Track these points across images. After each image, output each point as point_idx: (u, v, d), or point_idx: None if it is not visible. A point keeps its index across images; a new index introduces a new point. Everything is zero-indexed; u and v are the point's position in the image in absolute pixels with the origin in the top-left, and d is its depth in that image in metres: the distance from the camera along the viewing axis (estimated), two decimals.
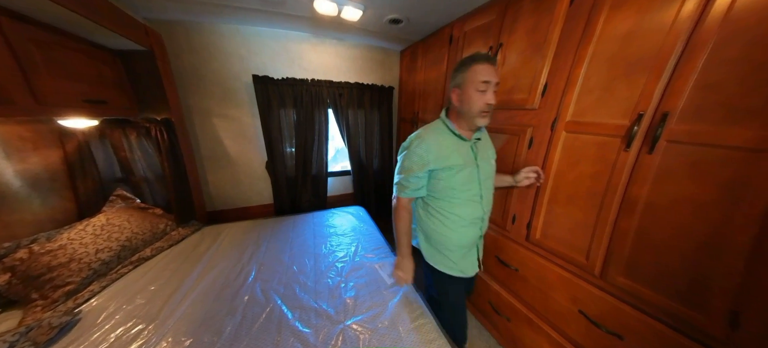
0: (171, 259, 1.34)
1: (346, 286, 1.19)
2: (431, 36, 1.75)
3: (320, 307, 1.07)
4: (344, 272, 1.29)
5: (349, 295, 1.13)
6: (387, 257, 1.41)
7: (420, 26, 1.67)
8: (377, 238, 1.61)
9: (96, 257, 1.15)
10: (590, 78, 0.86)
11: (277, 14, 1.55)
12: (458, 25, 1.45)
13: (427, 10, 1.44)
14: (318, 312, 1.05)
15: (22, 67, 0.90)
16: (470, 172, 0.90)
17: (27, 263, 1.01)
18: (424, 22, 1.59)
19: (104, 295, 1.07)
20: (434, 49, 1.71)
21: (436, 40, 1.68)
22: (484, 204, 0.94)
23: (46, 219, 1.24)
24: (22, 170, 1.14)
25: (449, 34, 1.52)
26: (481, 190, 0.92)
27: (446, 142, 0.90)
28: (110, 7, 1.13)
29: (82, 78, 1.13)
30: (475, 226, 0.95)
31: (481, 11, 1.29)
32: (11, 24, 0.87)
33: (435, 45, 1.70)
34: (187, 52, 1.67)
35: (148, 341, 0.89)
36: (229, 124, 1.92)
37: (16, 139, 1.13)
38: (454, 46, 1.50)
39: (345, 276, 1.26)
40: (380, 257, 1.41)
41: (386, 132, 2.36)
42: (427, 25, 1.65)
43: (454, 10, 1.41)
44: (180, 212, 1.69)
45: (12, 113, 0.90)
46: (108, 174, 1.56)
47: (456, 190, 0.90)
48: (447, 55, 1.56)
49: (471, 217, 0.93)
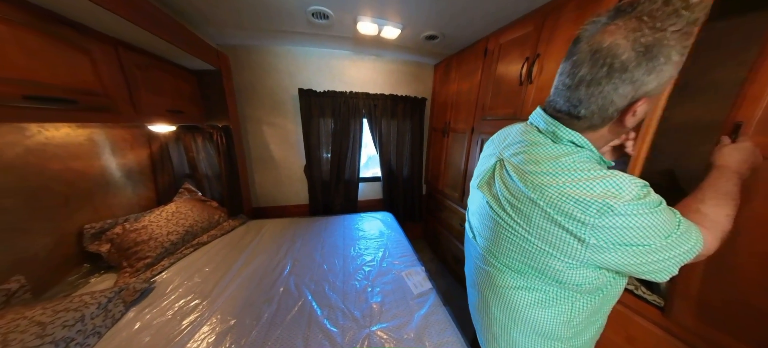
0: (222, 246, 1.56)
1: (373, 291, 1.22)
2: (466, 49, 1.81)
3: (347, 309, 1.11)
4: (371, 276, 1.33)
5: (375, 301, 1.15)
6: (413, 265, 1.43)
7: (455, 41, 1.74)
8: (404, 245, 1.63)
9: (167, 238, 1.40)
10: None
11: (324, 36, 1.74)
12: (494, 39, 1.49)
13: (463, 25, 1.49)
14: (345, 313, 1.09)
15: (129, 85, 1.17)
16: None
17: (121, 237, 1.29)
18: (460, 36, 1.65)
19: (171, 270, 1.30)
20: (468, 61, 1.76)
21: (471, 54, 1.73)
22: None
23: (135, 204, 1.55)
24: (121, 164, 1.46)
25: (484, 47, 1.56)
26: None
27: None
28: (194, 37, 1.41)
29: (167, 93, 1.41)
30: None
31: (517, 24, 1.31)
32: (125, 52, 1.13)
33: (469, 58, 1.75)
34: (247, 70, 1.95)
35: (202, 315, 1.05)
36: (276, 131, 2.17)
37: (119, 140, 1.45)
38: (488, 59, 1.53)
39: (372, 280, 1.30)
40: (406, 265, 1.43)
41: (417, 141, 2.44)
42: (462, 40, 1.71)
43: (490, 24, 1.44)
44: (231, 206, 1.95)
45: (119, 121, 1.16)
46: (179, 170, 1.88)
47: None
48: (481, 67, 1.60)
49: None
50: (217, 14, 1.42)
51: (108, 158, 1.40)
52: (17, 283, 0.95)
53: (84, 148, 1.28)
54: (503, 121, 1.39)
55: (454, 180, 2.00)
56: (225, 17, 1.46)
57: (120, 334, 0.93)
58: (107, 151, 1.40)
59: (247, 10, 1.38)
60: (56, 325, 0.80)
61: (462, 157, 1.85)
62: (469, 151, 1.78)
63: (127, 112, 1.16)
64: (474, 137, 1.71)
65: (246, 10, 1.39)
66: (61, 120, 1.03)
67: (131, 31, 1.06)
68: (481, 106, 1.62)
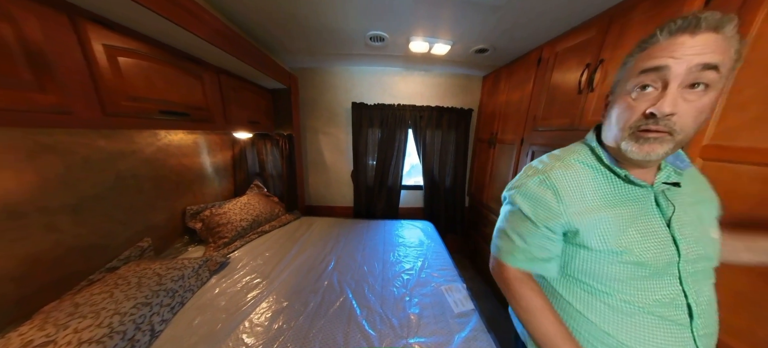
0: (279, 236, 1.84)
1: (411, 301, 1.21)
2: (517, 60, 1.78)
3: (385, 314, 1.12)
4: (409, 285, 1.32)
5: (413, 311, 1.14)
6: (454, 281, 1.37)
7: (506, 52, 1.74)
8: (444, 258, 1.60)
9: (240, 223, 1.72)
10: (743, 90, 0.68)
11: (378, 56, 1.94)
12: (549, 47, 1.45)
13: (515, 37, 1.50)
14: (383, 318, 1.10)
15: (223, 102, 1.51)
16: (666, 259, 0.47)
17: (209, 219, 1.64)
18: (512, 47, 1.65)
19: (241, 250, 1.60)
20: (520, 71, 1.73)
21: (522, 64, 1.70)
22: (696, 321, 0.47)
23: (219, 193, 1.94)
24: (213, 162, 1.85)
25: (538, 56, 1.53)
26: (685, 287, 0.47)
27: (589, 181, 0.52)
28: (273, 63, 1.73)
29: (249, 107, 1.75)
30: None
31: (577, 30, 1.27)
32: (224, 78, 1.47)
33: (521, 68, 1.72)
34: (310, 87, 2.26)
35: (262, 292, 1.23)
36: (329, 139, 2.44)
37: (213, 143, 1.85)
38: (542, 68, 1.50)
39: (410, 289, 1.29)
40: (446, 279, 1.38)
41: (461, 152, 2.43)
42: (513, 51, 1.70)
43: (545, 34, 1.42)
44: (288, 202, 2.27)
45: (214, 129, 1.51)
46: (252, 169, 2.26)
47: (617, 283, 0.49)
48: (534, 76, 1.57)
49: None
50: (293, 43, 1.73)
51: (205, 157, 1.81)
52: (147, 243, 1.33)
53: (190, 148, 1.69)
54: (558, 133, 1.35)
55: (501, 193, 1.92)
56: (299, 45, 1.76)
57: (205, 295, 1.19)
58: (205, 152, 1.80)
59: (316, 38, 1.65)
60: (168, 278, 1.11)
61: (510, 169, 1.79)
62: (517, 163, 1.70)
63: (220, 122, 1.49)
64: (523, 148, 1.64)
65: (315, 39, 1.65)
66: (179, 128, 1.41)
67: (231, 62, 1.38)
68: (532, 117, 1.56)
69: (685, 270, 0.48)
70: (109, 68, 0.87)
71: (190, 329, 0.99)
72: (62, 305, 0.86)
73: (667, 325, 0.47)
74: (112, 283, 0.99)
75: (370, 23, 1.44)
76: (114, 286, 0.98)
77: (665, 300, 0.47)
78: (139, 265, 1.13)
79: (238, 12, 1.30)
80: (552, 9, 1.18)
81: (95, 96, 0.84)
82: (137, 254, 1.28)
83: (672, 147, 0.43)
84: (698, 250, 0.48)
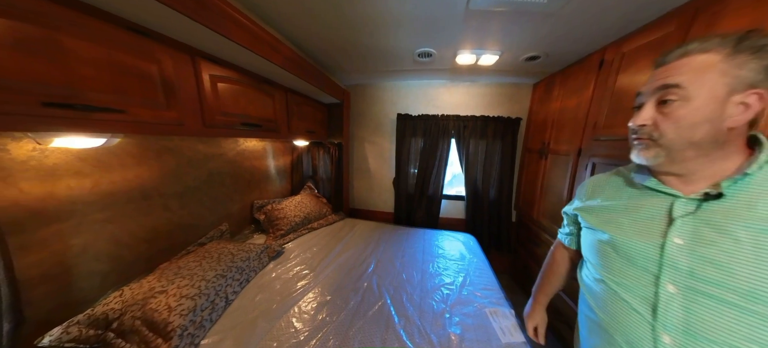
0: (325, 234, 2.04)
1: (451, 319, 1.15)
2: (573, 65, 1.68)
3: (423, 328, 1.08)
4: (449, 301, 1.27)
5: (453, 331, 1.08)
6: (500, 304, 1.24)
7: (560, 57, 1.65)
8: (488, 277, 1.49)
9: (293, 219, 1.98)
10: None
11: (425, 70, 2.03)
12: (613, 49, 1.35)
13: (572, 41, 1.42)
14: (421, 331, 1.07)
15: (288, 115, 1.78)
16: (640, 251, 0.52)
17: (270, 212, 1.93)
18: (566, 52, 1.56)
19: (294, 243, 1.84)
20: (577, 77, 1.63)
21: (580, 68, 1.60)
22: (659, 322, 0.49)
23: (279, 192, 2.26)
24: (276, 165, 2.18)
25: (600, 59, 1.42)
26: (660, 288, 0.49)
27: (615, 184, 0.64)
28: (331, 81, 1.98)
29: (308, 119, 2.02)
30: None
31: (651, 26, 1.15)
32: (290, 95, 1.75)
33: (578, 73, 1.62)
34: (360, 101, 2.50)
35: (309, 283, 1.36)
36: (374, 147, 2.62)
37: (277, 149, 2.18)
38: (604, 71, 1.39)
39: (450, 306, 1.23)
40: (491, 301, 1.27)
41: (507, 162, 2.31)
42: (568, 55, 1.61)
43: (608, 34, 1.31)
44: (335, 204, 2.50)
45: (279, 137, 1.79)
46: (306, 172, 2.57)
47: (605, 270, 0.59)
48: (594, 80, 1.45)
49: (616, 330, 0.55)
50: (348, 64, 1.95)
51: (270, 160, 2.14)
52: (225, 227, 1.65)
53: (260, 153, 2.02)
54: (623, 142, 1.20)
55: (554, 210, 1.74)
56: (353, 66, 1.99)
57: (264, 278, 1.38)
58: (270, 156, 2.14)
59: (369, 59, 1.84)
60: (238, 258, 1.37)
61: (565, 183, 1.63)
62: (574, 177, 1.55)
63: (284, 132, 1.76)
64: (582, 160, 1.49)
65: (368, 59, 1.84)
66: (253, 136, 1.71)
67: (297, 82, 1.64)
68: (591, 125, 1.43)
69: (671, 275, 0.49)
70: (211, 92, 1.15)
71: (252, 304, 1.18)
72: (170, 266, 1.16)
73: (626, 308, 0.54)
74: (201, 255, 1.28)
75: (419, 41, 1.52)
76: (202, 257, 1.27)
77: (633, 287, 0.54)
78: (219, 244, 1.42)
79: (305, 41, 1.55)
80: (617, 5, 1.07)
81: (200, 112, 1.12)
82: (218, 235, 1.60)
83: (661, 150, 0.50)
84: (711, 273, 0.45)
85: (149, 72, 0.90)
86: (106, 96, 0.78)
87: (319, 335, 1.02)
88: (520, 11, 1.15)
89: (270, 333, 1.02)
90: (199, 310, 1.01)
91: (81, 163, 0.99)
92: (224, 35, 0.96)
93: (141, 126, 0.91)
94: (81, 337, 0.86)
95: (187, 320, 0.94)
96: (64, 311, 0.93)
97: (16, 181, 0.83)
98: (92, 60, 0.74)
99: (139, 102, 0.88)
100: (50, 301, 0.92)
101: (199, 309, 1.01)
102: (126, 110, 0.84)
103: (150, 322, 0.90)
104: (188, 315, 0.95)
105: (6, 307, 0.62)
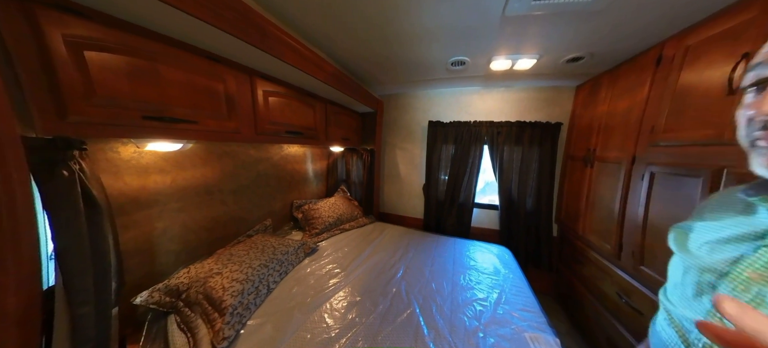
0: (356, 236, 2.15)
1: (485, 340, 1.06)
2: (624, 63, 1.55)
3: (455, 345, 1.03)
4: (483, 319, 1.18)
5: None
6: (541, 329, 1.12)
7: (608, 56, 1.53)
8: (527, 296, 1.37)
9: (327, 219, 2.13)
10: None
11: (457, 78, 2.06)
12: (673, 42, 1.21)
13: (621, 38, 1.30)
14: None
15: (326, 124, 1.95)
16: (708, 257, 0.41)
17: (306, 211, 2.11)
18: (615, 50, 1.44)
19: (327, 242, 1.98)
20: (629, 75, 1.49)
21: (633, 66, 1.47)
22: None
23: (315, 193, 2.45)
24: (314, 169, 2.37)
25: (657, 54, 1.28)
26: None
27: (723, 202, 0.46)
28: (367, 92, 2.12)
29: (343, 127, 2.18)
30: None
31: (724, 13, 1.02)
32: (329, 106, 1.91)
33: (630, 71, 1.48)
34: (393, 110, 2.61)
35: (340, 281, 1.41)
36: (404, 154, 2.70)
37: (315, 155, 2.38)
38: (663, 68, 1.25)
39: (484, 324, 1.15)
40: (531, 325, 1.15)
41: (546, 170, 2.15)
42: (617, 54, 1.48)
43: (667, 27, 1.17)
44: (365, 207, 2.62)
45: (317, 144, 1.96)
46: (340, 176, 2.73)
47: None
48: (650, 79, 1.30)
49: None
50: (383, 76, 2.08)
51: (309, 164, 2.34)
52: (269, 223, 1.86)
53: (300, 157, 2.23)
54: (692, 148, 1.07)
55: (604, 225, 1.56)
56: (388, 77, 2.11)
57: (300, 272, 1.49)
58: (309, 160, 2.34)
59: (403, 70, 1.94)
60: (279, 251, 1.53)
61: (615, 195, 1.46)
62: (627, 187, 1.38)
63: (322, 139, 1.93)
64: (637, 169, 1.34)
65: (402, 70, 1.95)
66: (295, 143, 1.90)
67: (336, 94, 1.80)
68: (648, 129, 1.28)
69: None
70: (263, 105, 1.34)
71: (289, 295, 1.28)
72: (225, 252, 1.36)
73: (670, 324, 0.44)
74: (248, 246, 1.47)
75: (453, 51, 1.55)
76: (250, 247, 1.45)
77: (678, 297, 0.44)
78: (263, 237, 1.61)
79: (345, 57, 1.70)
80: None
81: (253, 122, 1.30)
82: (263, 229, 1.80)
83: None
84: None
85: (217, 90, 1.10)
86: (185, 110, 0.98)
87: (349, 334, 1.04)
88: (561, 13, 1.10)
89: (304, 325, 1.08)
90: (246, 294, 1.17)
91: (164, 163, 1.23)
92: (279, 58, 1.13)
93: (208, 134, 1.11)
94: (160, 301, 1.07)
95: (236, 301, 1.10)
96: (149, 279, 1.16)
97: (123, 176, 1.07)
98: (177, 82, 0.94)
99: (208, 114, 1.07)
100: (140, 270, 1.16)
101: (247, 293, 1.17)
102: (198, 121, 1.03)
103: (209, 298, 1.07)
104: (237, 296, 1.11)
105: (114, 270, 0.82)
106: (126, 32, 0.79)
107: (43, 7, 0.64)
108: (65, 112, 0.69)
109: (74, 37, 0.69)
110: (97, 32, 0.73)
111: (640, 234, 1.28)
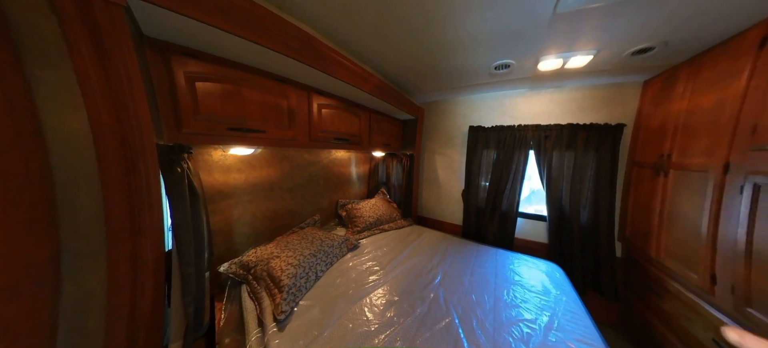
0: (394, 237, 2.25)
1: None
2: (709, 50, 1.31)
3: None
4: (532, 343, 1.08)
5: None
6: None
7: (688, 43, 1.31)
8: (586, 326, 1.19)
9: (368, 218, 2.29)
10: None
11: (501, 82, 2.02)
12: None
13: (707, 20, 1.10)
14: None
15: (370, 131, 2.12)
16: None
17: (349, 210, 2.30)
18: (697, 36, 1.23)
19: (367, 240, 2.12)
20: (717, 64, 1.25)
21: (722, 54, 1.22)
22: None
23: (358, 194, 2.65)
24: (357, 171, 2.58)
25: (761, 36, 1.04)
26: None
27: None
28: (408, 101, 2.25)
29: (385, 133, 2.33)
30: None
31: None
32: (373, 115, 2.09)
33: (718, 60, 1.25)
34: (433, 116, 2.68)
35: (379, 279, 1.46)
36: (444, 159, 2.73)
37: (359, 159, 2.58)
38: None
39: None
40: None
41: (605, 178, 1.89)
42: (701, 39, 1.26)
43: None
44: (404, 210, 2.73)
45: (361, 149, 2.14)
46: (380, 179, 2.90)
47: None
48: (750, 68, 1.07)
49: None
50: (425, 84, 2.18)
51: (353, 168, 2.55)
52: (317, 217, 2.10)
53: (346, 161, 2.45)
54: None
55: (687, 249, 1.30)
56: (429, 85, 2.20)
57: (342, 265, 1.59)
58: (353, 164, 2.55)
59: (445, 78, 2.01)
60: (325, 244, 1.72)
61: (702, 210, 1.20)
62: (719, 202, 1.13)
63: (365, 144, 2.10)
64: (731, 179, 1.09)
65: (444, 78, 2.01)
66: (342, 148, 2.12)
67: (379, 104, 1.96)
68: (747, 129, 1.05)
69: None
70: (317, 115, 1.55)
71: (333, 285, 1.38)
72: (282, 239, 1.61)
73: None
74: (301, 236, 1.70)
75: (497, 55, 1.51)
76: (301, 238, 1.68)
77: None
78: (313, 230, 1.84)
79: (388, 68, 1.85)
80: None
81: (308, 130, 1.52)
82: (312, 223, 2.05)
83: None
84: None
85: (281, 105, 1.33)
86: (258, 122, 1.22)
87: (387, 332, 1.07)
88: (624, 1, 0.97)
89: (346, 314, 1.16)
90: (299, 277, 1.37)
91: (240, 164, 1.52)
92: (333, 75, 1.32)
93: (273, 141, 1.35)
94: (236, 272, 1.35)
95: (291, 282, 1.30)
96: (228, 254, 1.47)
97: (213, 173, 1.38)
98: (253, 100, 1.19)
99: (273, 125, 1.31)
100: (222, 246, 1.46)
101: (299, 276, 1.37)
102: (266, 131, 1.27)
103: (271, 275, 1.30)
104: (292, 278, 1.32)
105: (207, 243, 1.08)
106: (222, 66, 1.05)
107: (175, 53, 0.91)
108: (181, 126, 0.96)
109: (191, 72, 0.96)
110: (204, 68, 1.00)
111: (742, 264, 1.03)
